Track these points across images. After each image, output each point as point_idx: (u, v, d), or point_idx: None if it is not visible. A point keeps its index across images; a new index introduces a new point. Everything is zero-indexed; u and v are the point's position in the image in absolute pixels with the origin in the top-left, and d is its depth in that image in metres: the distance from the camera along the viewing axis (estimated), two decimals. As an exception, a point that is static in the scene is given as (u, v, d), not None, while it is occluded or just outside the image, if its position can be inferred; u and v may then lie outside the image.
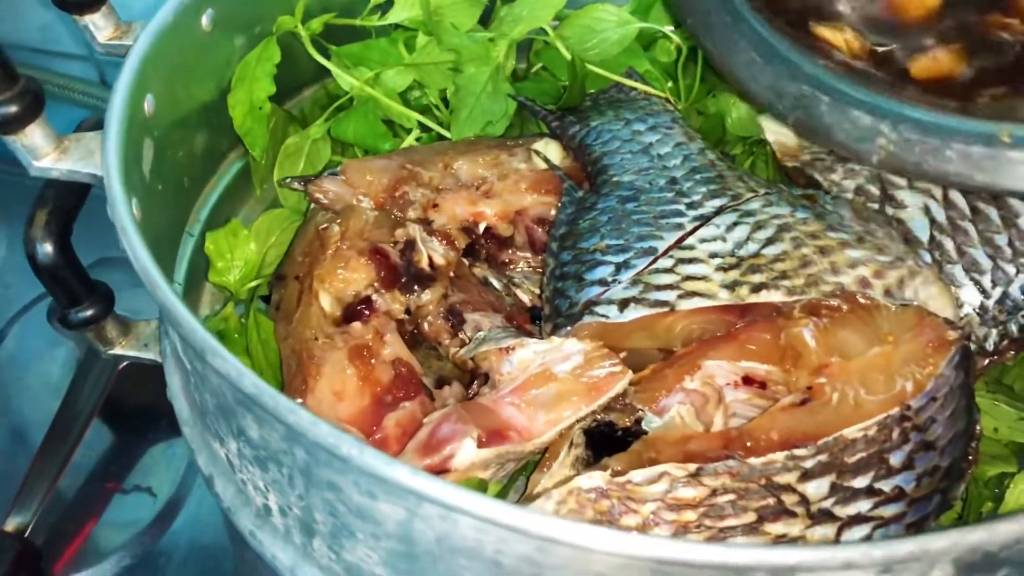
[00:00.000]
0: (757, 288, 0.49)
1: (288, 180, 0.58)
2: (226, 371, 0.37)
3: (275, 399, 0.35)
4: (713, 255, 0.51)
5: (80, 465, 0.79)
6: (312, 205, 0.57)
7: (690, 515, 0.43)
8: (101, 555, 0.74)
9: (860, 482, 0.43)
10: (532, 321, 0.55)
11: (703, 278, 0.49)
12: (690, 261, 0.50)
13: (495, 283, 0.57)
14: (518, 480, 0.50)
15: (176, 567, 0.74)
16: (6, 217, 0.97)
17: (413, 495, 0.34)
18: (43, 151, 0.47)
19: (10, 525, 0.72)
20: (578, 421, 0.47)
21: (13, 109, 0.45)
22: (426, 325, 0.53)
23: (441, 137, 0.64)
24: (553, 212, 0.58)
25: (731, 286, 0.49)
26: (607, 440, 0.48)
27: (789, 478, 0.43)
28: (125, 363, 0.82)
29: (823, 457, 0.43)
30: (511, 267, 0.59)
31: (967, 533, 0.33)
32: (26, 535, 0.72)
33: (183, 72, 0.56)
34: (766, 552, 0.32)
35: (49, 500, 0.75)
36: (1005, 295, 0.53)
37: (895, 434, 0.43)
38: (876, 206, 0.56)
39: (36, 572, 0.71)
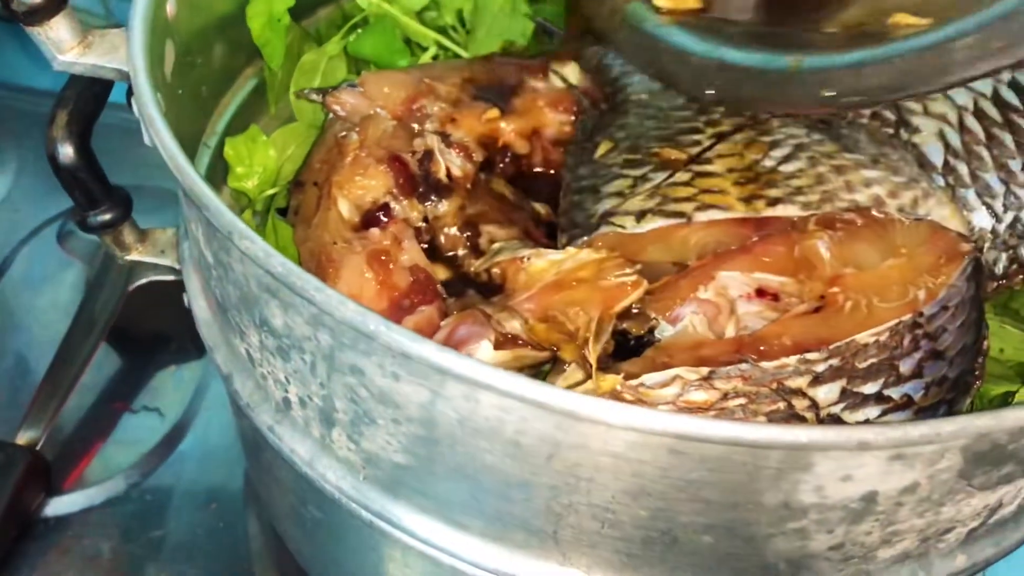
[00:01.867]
0: (773, 202, 0.49)
1: (306, 91, 0.58)
2: (254, 252, 0.37)
3: (303, 278, 0.36)
4: (731, 170, 0.51)
5: (90, 386, 0.80)
6: (329, 117, 0.57)
7: (701, 418, 0.44)
8: (110, 472, 0.75)
9: (870, 388, 0.44)
10: (548, 236, 0.56)
11: (720, 191, 0.50)
12: (707, 175, 0.51)
13: (512, 198, 0.57)
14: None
15: (183, 486, 0.75)
16: (15, 143, 0.97)
17: (438, 372, 0.35)
18: (67, 45, 0.47)
19: (21, 439, 0.73)
20: (593, 328, 0.47)
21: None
22: (443, 237, 0.54)
23: (458, 56, 0.64)
24: (569, 131, 0.58)
25: (748, 199, 0.49)
26: (621, 348, 0.49)
27: (800, 382, 0.44)
28: (134, 286, 0.83)
29: (835, 361, 0.43)
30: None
31: (975, 419, 0.34)
32: (37, 448, 0.73)
33: (203, -21, 0.56)
34: (781, 431, 0.33)
35: (59, 417, 0.76)
36: (1016, 220, 0.54)
37: (906, 341, 0.44)
38: (891, 131, 0.56)
39: (47, 484, 0.72)
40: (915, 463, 0.36)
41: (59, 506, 0.73)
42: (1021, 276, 0.54)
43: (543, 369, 0.50)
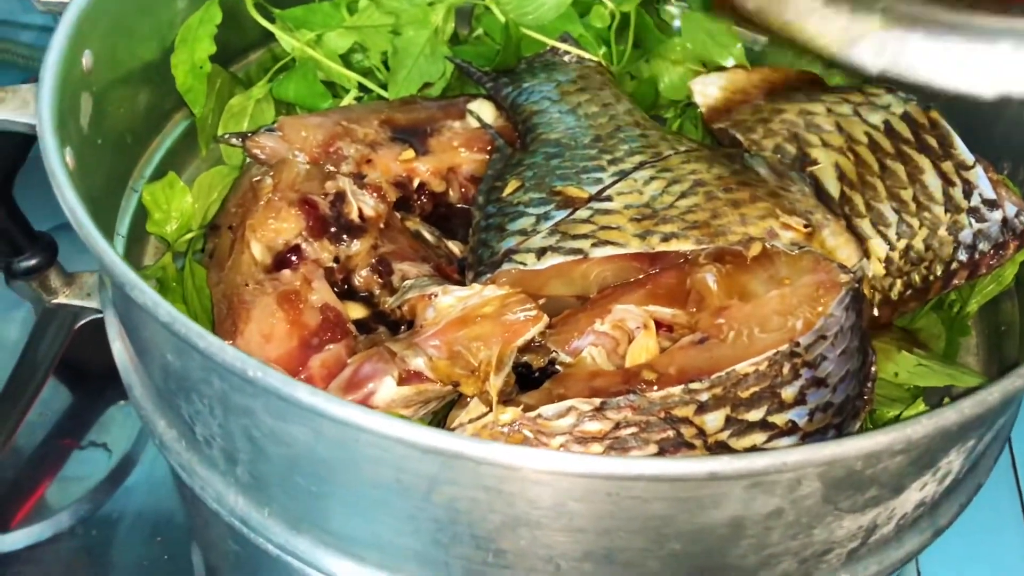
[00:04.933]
0: (667, 237, 0.51)
1: (227, 136, 0.60)
2: (143, 302, 0.39)
3: (186, 326, 0.38)
4: (628, 207, 0.53)
5: (38, 423, 0.81)
6: (248, 160, 0.59)
7: (596, 447, 0.46)
8: (57, 509, 0.76)
9: (754, 415, 0.46)
10: (460, 272, 0.58)
11: (617, 228, 0.52)
12: (606, 212, 0.53)
13: (428, 236, 0.59)
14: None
15: (129, 521, 0.77)
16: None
17: (314, 414, 0.37)
18: (-20, 101, 0.49)
19: (-34, 478, 0.75)
20: (495, 362, 0.49)
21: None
22: (357, 276, 0.55)
23: (381, 98, 0.66)
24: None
25: (643, 235, 0.51)
26: (524, 380, 0.50)
27: (686, 411, 0.45)
28: (81, 323, 0.84)
29: (717, 391, 0.45)
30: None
31: (821, 448, 0.35)
32: (-18, 488, 0.74)
33: (124, 31, 0.58)
34: (631, 464, 0.35)
35: (5, 455, 0.77)
36: (909, 247, 0.56)
37: (786, 370, 0.46)
38: (791, 163, 0.59)
39: (-8, 523, 0.74)
40: (775, 490, 0.37)
41: (6, 543, 0.74)
42: (915, 301, 0.57)
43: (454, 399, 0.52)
